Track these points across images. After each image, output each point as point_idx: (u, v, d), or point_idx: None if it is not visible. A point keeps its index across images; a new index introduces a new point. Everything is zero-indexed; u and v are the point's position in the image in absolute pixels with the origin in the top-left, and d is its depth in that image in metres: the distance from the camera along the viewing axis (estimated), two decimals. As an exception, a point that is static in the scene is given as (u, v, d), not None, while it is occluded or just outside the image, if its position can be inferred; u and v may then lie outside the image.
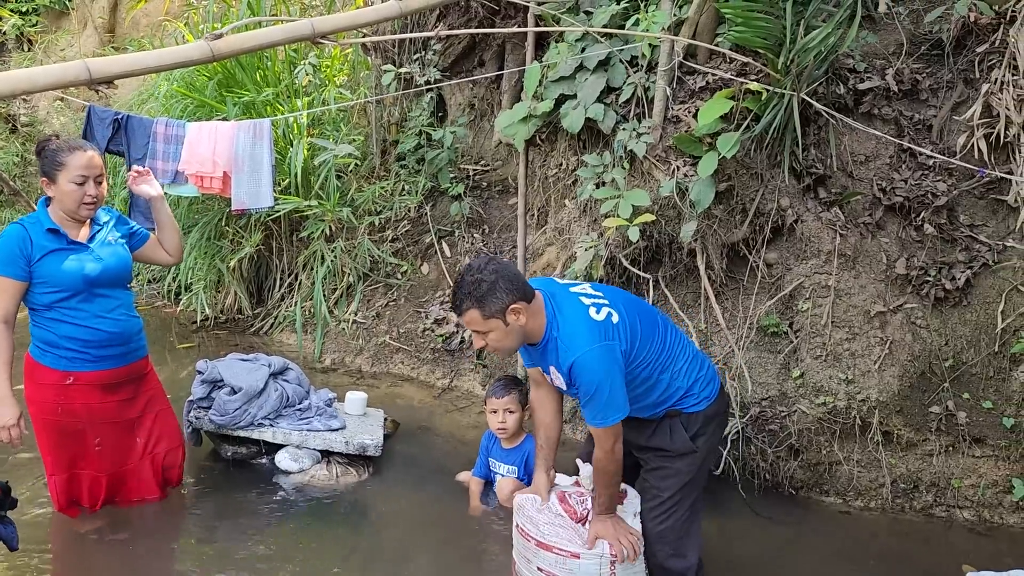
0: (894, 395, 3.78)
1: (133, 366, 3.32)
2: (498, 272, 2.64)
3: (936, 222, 3.88)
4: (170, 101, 6.30)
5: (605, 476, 2.79)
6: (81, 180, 3.06)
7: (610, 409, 2.65)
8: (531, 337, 2.74)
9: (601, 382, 2.61)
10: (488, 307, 2.63)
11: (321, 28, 3.28)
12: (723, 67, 3.94)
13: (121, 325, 3.22)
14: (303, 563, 3.22)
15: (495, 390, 3.73)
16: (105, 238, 3.24)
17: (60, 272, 3.06)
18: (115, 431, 3.30)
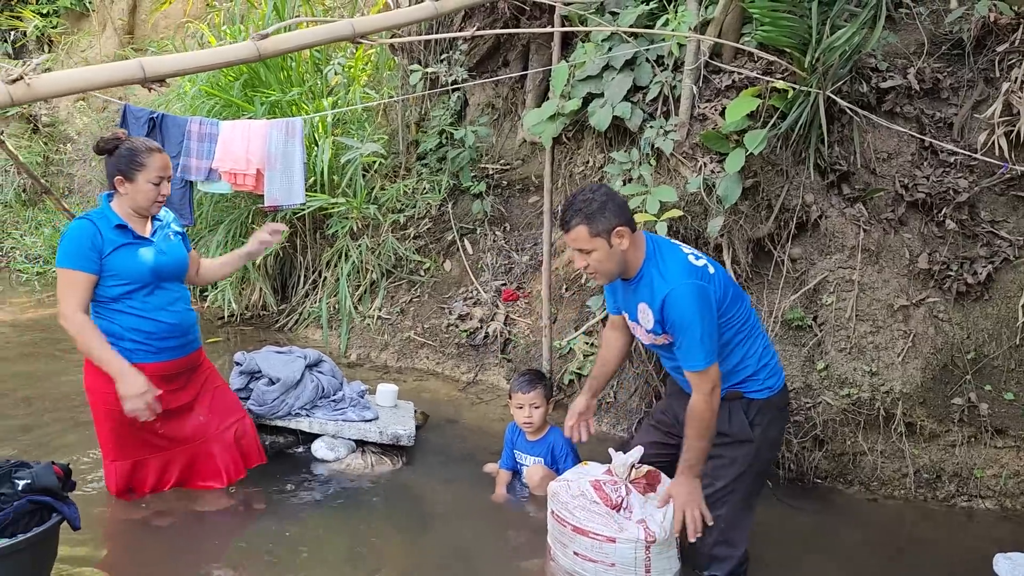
0: (917, 387, 3.86)
1: (190, 357, 3.44)
2: (608, 195, 2.75)
3: (957, 218, 3.96)
4: (197, 101, 6.41)
5: (699, 424, 2.74)
6: (158, 180, 3.20)
7: (704, 349, 2.67)
8: (628, 268, 2.79)
9: (694, 317, 2.65)
10: (596, 225, 2.71)
11: (361, 28, 3.38)
12: (748, 66, 4.03)
13: (180, 317, 3.34)
14: (340, 547, 3.31)
15: (520, 385, 3.77)
16: (166, 234, 3.36)
17: (130, 265, 3.17)
18: (173, 417, 3.40)
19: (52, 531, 2.66)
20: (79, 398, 4.67)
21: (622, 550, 2.95)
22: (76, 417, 4.40)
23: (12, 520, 2.59)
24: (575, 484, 3.14)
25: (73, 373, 5.12)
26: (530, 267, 5.72)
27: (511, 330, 5.45)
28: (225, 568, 3.16)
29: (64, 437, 4.17)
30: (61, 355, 5.61)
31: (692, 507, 2.80)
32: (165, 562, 3.13)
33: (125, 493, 3.42)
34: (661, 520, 2.98)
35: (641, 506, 3.01)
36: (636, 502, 3.01)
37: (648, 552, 2.95)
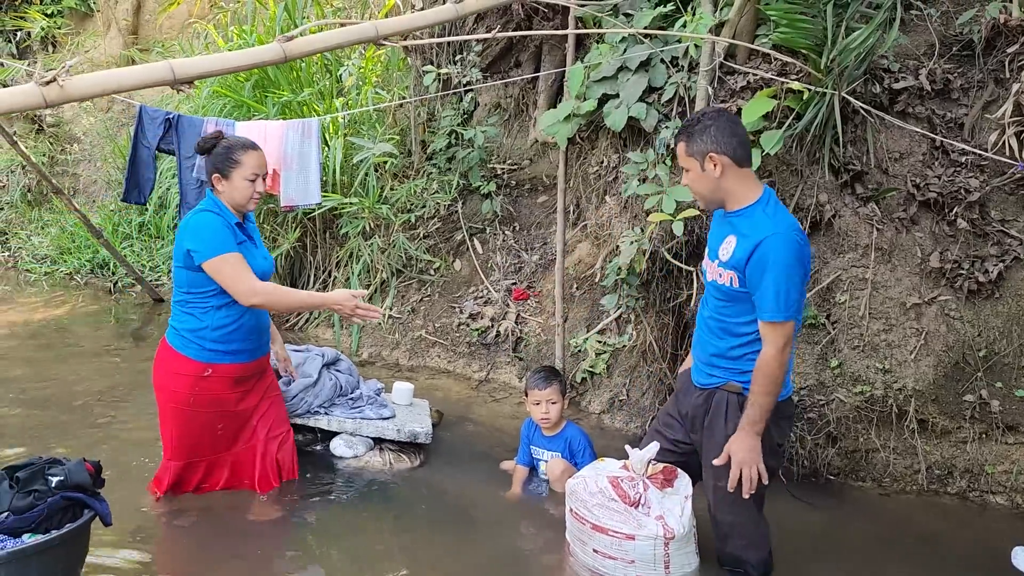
0: (929, 384, 3.91)
1: (262, 360, 3.50)
2: (716, 122, 2.75)
3: (969, 217, 4.01)
4: (208, 102, 6.44)
5: (766, 379, 2.70)
6: (253, 177, 3.26)
7: (786, 302, 2.64)
8: (728, 199, 2.79)
9: (789, 268, 2.63)
10: (692, 145, 2.75)
11: (385, 31, 3.44)
12: (763, 67, 4.08)
13: (260, 320, 3.40)
14: (360, 544, 3.35)
15: (536, 382, 3.80)
16: (258, 237, 3.47)
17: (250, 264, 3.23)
18: (235, 420, 3.45)
19: (84, 527, 2.70)
20: (92, 398, 4.73)
21: (641, 547, 2.99)
22: (89, 418, 4.44)
23: (46, 516, 2.63)
24: (593, 481, 3.18)
25: (85, 373, 5.18)
26: (540, 266, 5.76)
27: (522, 329, 5.50)
28: (249, 563, 3.20)
29: (81, 436, 4.20)
30: (72, 355, 5.65)
31: (749, 465, 2.76)
32: (189, 559, 3.18)
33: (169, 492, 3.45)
34: (679, 516, 3.02)
35: (659, 502, 3.05)
36: (654, 498, 3.05)
37: (667, 548, 2.99)
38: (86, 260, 7.84)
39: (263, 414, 3.55)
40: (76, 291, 7.49)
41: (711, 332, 2.95)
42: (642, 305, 4.60)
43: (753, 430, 2.76)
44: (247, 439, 3.54)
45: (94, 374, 5.21)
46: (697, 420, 3.01)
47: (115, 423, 4.38)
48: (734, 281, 2.77)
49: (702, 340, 3.01)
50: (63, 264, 7.98)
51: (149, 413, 3.66)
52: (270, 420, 3.57)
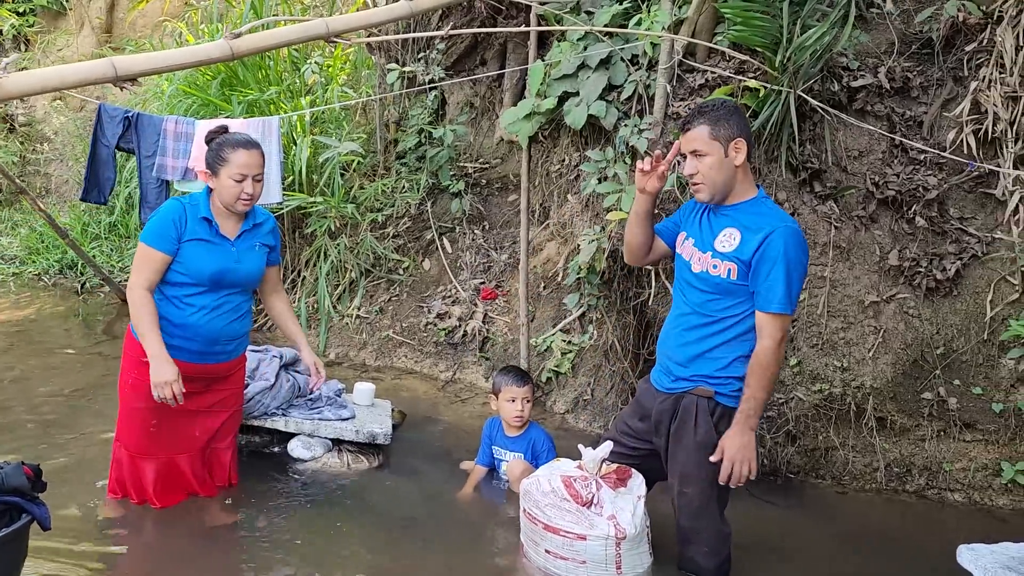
0: (888, 382, 3.92)
1: (210, 367, 3.30)
2: (736, 110, 2.77)
3: (927, 215, 4.01)
4: (174, 100, 6.39)
5: (763, 373, 2.68)
6: (240, 178, 3.12)
7: (789, 294, 2.64)
8: (735, 189, 2.77)
9: (798, 261, 2.64)
10: (718, 128, 2.70)
11: (335, 27, 3.39)
12: (721, 65, 4.07)
13: (214, 326, 3.21)
14: (316, 547, 3.31)
15: (515, 379, 3.78)
16: (253, 242, 3.28)
17: (196, 262, 3.13)
18: (173, 423, 3.31)
19: (20, 532, 2.64)
20: (56, 398, 4.68)
21: (593, 547, 2.97)
22: (50, 419, 4.39)
23: (-19, 521, 2.58)
24: (546, 481, 3.15)
25: (50, 375, 5.12)
26: (508, 266, 5.74)
27: (489, 328, 5.48)
28: (200, 569, 3.16)
29: (42, 439, 4.15)
30: (37, 356, 5.58)
31: (742, 462, 2.72)
32: (138, 565, 3.13)
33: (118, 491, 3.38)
34: (631, 515, 3.00)
35: (612, 501, 3.03)
36: (607, 497, 3.03)
37: (619, 548, 2.97)
38: (54, 261, 7.77)
39: (207, 427, 3.42)
40: (44, 292, 7.42)
41: (691, 329, 2.87)
42: (604, 304, 4.59)
43: (748, 425, 2.72)
44: (188, 448, 3.41)
45: (58, 375, 5.15)
46: (662, 425, 2.96)
47: (77, 424, 4.33)
48: (732, 273, 2.73)
49: (676, 339, 2.93)
50: (31, 265, 7.90)
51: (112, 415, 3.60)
52: (212, 433, 3.44)
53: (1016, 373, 3.81)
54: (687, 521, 2.95)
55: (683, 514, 2.95)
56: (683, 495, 2.91)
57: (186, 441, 3.40)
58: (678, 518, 2.98)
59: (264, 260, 3.38)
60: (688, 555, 2.99)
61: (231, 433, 3.58)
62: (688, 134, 2.77)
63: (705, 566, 2.95)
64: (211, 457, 3.52)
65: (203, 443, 3.45)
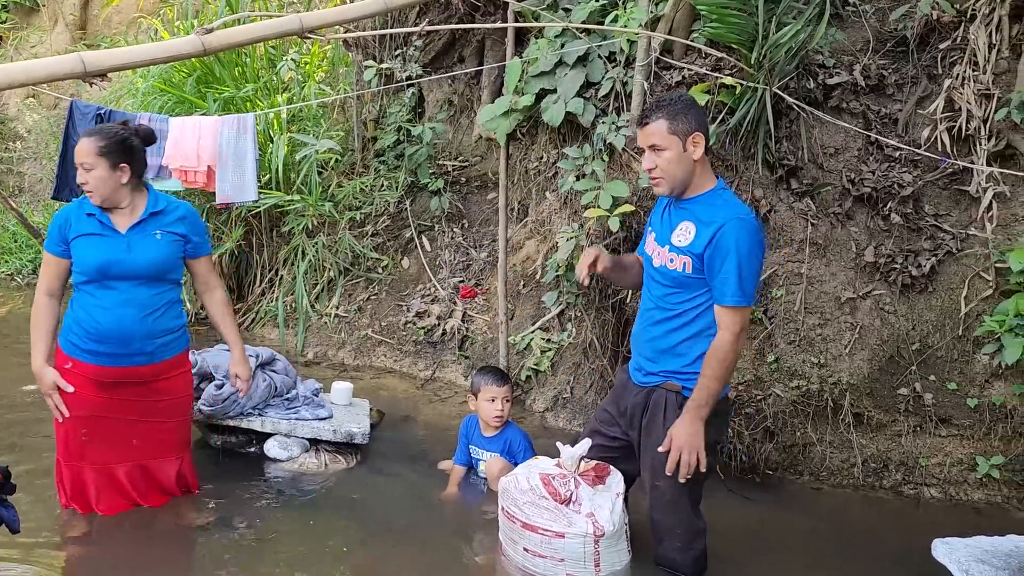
0: (864, 378, 3.93)
1: (132, 370, 3.15)
2: (694, 103, 2.78)
3: (902, 212, 4.04)
4: (148, 97, 6.31)
5: (719, 364, 2.68)
6: (78, 166, 3.10)
7: (744, 286, 2.64)
8: (693, 183, 2.78)
9: (750, 251, 2.65)
10: (676, 123, 2.70)
11: (309, 23, 3.36)
12: (698, 62, 4.07)
13: (122, 324, 3.08)
14: (294, 548, 3.29)
15: (495, 378, 3.76)
16: (151, 231, 3.16)
17: (82, 256, 3.07)
18: (105, 431, 3.20)
19: (-10, 535, 2.60)
20: (28, 402, 4.60)
21: (571, 545, 2.96)
22: (23, 420, 4.32)
23: (-52, 523, 2.53)
24: (524, 479, 3.14)
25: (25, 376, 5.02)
26: (488, 264, 5.72)
27: (469, 327, 5.45)
28: (176, 571, 3.12)
29: (13, 440, 4.08)
30: (13, 357, 5.49)
31: (689, 450, 2.72)
32: (109, 567, 3.08)
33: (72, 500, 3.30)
34: (610, 512, 3.00)
35: (590, 499, 3.02)
36: (585, 495, 3.03)
37: (597, 546, 2.97)
38: (27, 260, 7.66)
39: (147, 438, 3.28)
40: (17, 292, 7.31)
41: (656, 324, 2.91)
42: (583, 302, 4.58)
43: (698, 414, 2.72)
44: (121, 457, 3.27)
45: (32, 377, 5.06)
46: (635, 418, 2.99)
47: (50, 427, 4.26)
48: (687, 266, 2.76)
49: (644, 334, 2.97)
50: (4, 265, 7.79)
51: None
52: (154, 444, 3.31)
53: (990, 368, 3.84)
54: (659, 515, 2.96)
55: (655, 508, 2.96)
56: (655, 488, 2.91)
57: (122, 451, 3.26)
58: (650, 512, 2.99)
59: (170, 250, 3.18)
60: (662, 550, 3.00)
61: (178, 447, 3.42)
62: (646, 128, 2.77)
63: (680, 560, 2.97)
64: (155, 470, 3.36)
65: (144, 455, 3.30)
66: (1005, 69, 4.03)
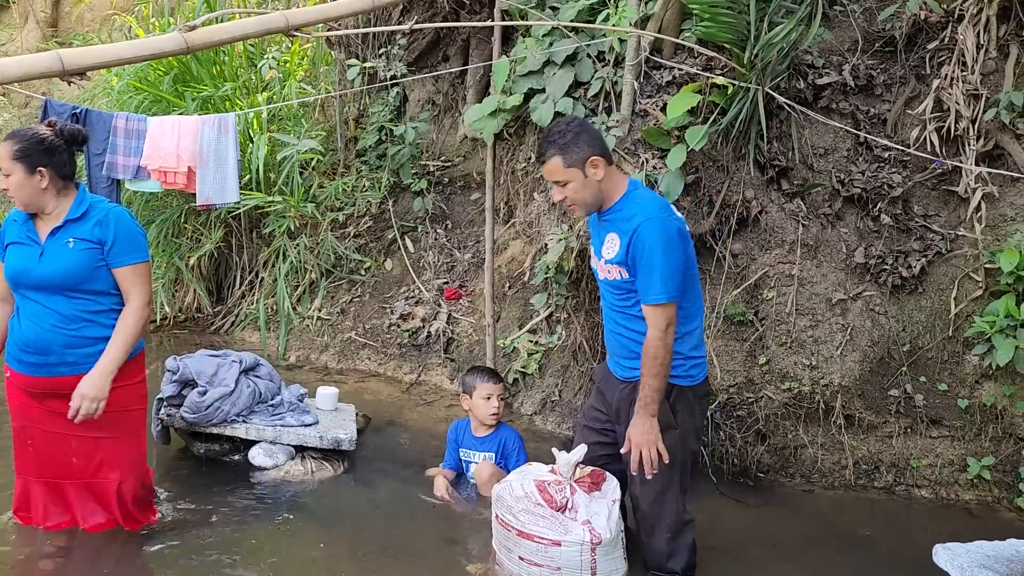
0: (855, 380, 3.92)
1: (55, 380, 2.96)
2: (582, 126, 2.82)
3: (892, 212, 4.03)
4: (124, 96, 6.18)
5: (653, 361, 2.73)
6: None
7: (668, 283, 2.69)
8: (605, 198, 2.83)
9: (665, 249, 2.68)
10: (570, 155, 2.75)
11: (295, 21, 3.29)
12: (688, 62, 4.03)
13: (40, 334, 2.91)
14: (280, 558, 3.21)
15: (489, 376, 3.75)
16: (64, 238, 2.92)
17: (5, 265, 3.00)
18: (47, 443, 3.08)
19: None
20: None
21: (568, 553, 2.91)
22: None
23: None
24: (519, 486, 3.09)
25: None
26: (472, 265, 5.66)
27: (454, 329, 5.39)
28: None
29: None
30: None
31: (648, 446, 2.76)
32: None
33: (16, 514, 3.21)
34: (607, 520, 2.95)
35: (586, 506, 2.98)
36: (581, 502, 2.98)
37: (594, 554, 2.92)
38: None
39: (84, 454, 3.06)
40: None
41: (619, 326, 2.97)
42: (572, 304, 4.53)
43: (647, 412, 2.77)
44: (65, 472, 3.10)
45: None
46: (622, 412, 2.99)
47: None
48: (623, 273, 2.82)
49: (614, 338, 3.03)
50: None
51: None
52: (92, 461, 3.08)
53: (980, 369, 3.84)
54: (649, 507, 2.95)
55: (644, 500, 2.96)
56: (645, 480, 2.88)
57: (63, 466, 3.10)
58: (637, 504, 2.99)
59: (82, 258, 2.91)
60: (651, 544, 2.98)
61: (120, 468, 3.12)
62: (544, 167, 2.85)
63: (670, 552, 2.96)
64: (98, 489, 3.14)
65: (85, 471, 3.10)
66: (993, 69, 4.04)
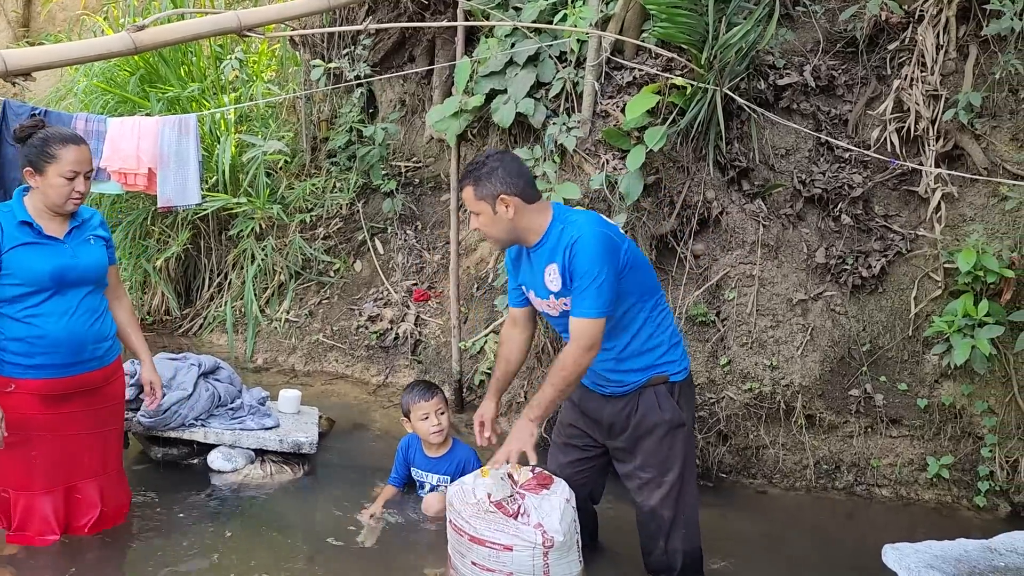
0: (816, 380, 3.93)
1: (83, 378, 3.05)
2: (502, 163, 2.74)
3: (853, 213, 4.04)
4: (90, 97, 6.12)
5: (560, 373, 2.70)
6: (72, 175, 2.90)
7: (599, 298, 2.62)
8: (525, 235, 2.77)
9: (598, 263, 2.62)
10: (481, 189, 2.71)
11: (247, 21, 3.26)
12: (649, 62, 4.03)
13: (72, 330, 2.97)
14: (238, 563, 3.18)
15: (421, 394, 3.54)
16: (84, 235, 3.06)
17: (28, 266, 2.90)
18: (57, 449, 3.07)
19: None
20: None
21: (520, 558, 2.88)
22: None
23: None
24: (470, 491, 3.06)
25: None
26: (442, 266, 5.63)
27: (422, 331, 5.36)
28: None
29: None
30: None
31: (518, 446, 2.80)
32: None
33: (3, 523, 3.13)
34: (559, 521, 2.93)
35: (537, 508, 2.95)
36: (532, 504, 2.95)
37: (547, 558, 2.89)
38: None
39: (93, 448, 3.16)
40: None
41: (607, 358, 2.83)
42: (536, 305, 4.51)
43: (527, 415, 2.79)
44: (83, 474, 3.15)
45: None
46: (616, 425, 2.90)
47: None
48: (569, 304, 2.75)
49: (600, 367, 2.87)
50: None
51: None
52: (97, 454, 3.19)
53: (939, 369, 3.86)
54: (668, 510, 2.88)
55: (661, 504, 2.87)
56: (663, 484, 2.85)
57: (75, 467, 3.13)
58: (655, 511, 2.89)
59: (105, 253, 3.13)
60: (669, 546, 2.91)
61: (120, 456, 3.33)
62: (461, 193, 2.82)
63: (685, 550, 2.91)
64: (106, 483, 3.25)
65: (95, 467, 3.18)
66: (952, 70, 4.06)
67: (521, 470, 3.03)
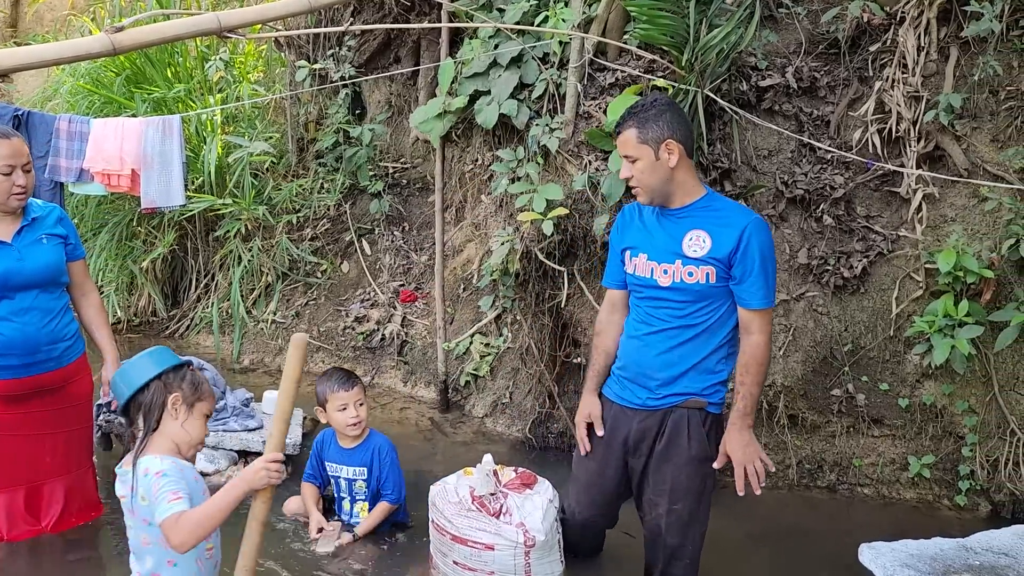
0: (798, 380, 3.94)
1: (39, 378, 3.03)
2: (670, 107, 2.67)
3: (835, 213, 4.06)
4: (75, 98, 6.10)
5: (761, 369, 2.65)
6: (8, 170, 2.87)
7: (772, 287, 2.63)
8: (675, 192, 2.67)
9: (771, 253, 2.64)
10: (646, 131, 2.60)
11: (228, 22, 3.26)
12: (631, 64, 4.04)
13: (27, 332, 2.96)
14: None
15: (340, 383, 3.32)
16: (36, 236, 3.02)
17: None
18: (16, 449, 3.05)
19: None
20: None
21: (501, 557, 2.91)
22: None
23: None
24: (453, 490, 3.08)
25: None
26: (428, 267, 5.63)
27: (408, 332, 5.36)
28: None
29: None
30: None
31: (752, 459, 2.70)
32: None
33: None
34: (541, 520, 2.95)
35: (519, 507, 2.97)
36: (514, 504, 2.98)
37: (528, 558, 2.92)
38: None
39: (56, 449, 3.14)
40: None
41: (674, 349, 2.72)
42: (520, 306, 4.52)
43: (745, 424, 2.69)
44: (34, 475, 3.12)
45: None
46: (643, 444, 2.81)
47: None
48: (711, 276, 2.64)
49: (655, 362, 2.75)
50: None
51: None
52: (60, 455, 3.17)
53: (921, 368, 3.87)
54: (674, 538, 2.83)
55: (671, 531, 2.82)
56: (672, 512, 2.80)
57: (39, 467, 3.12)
58: (662, 538, 2.84)
59: (60, 252, 3.09)
60: (672, 572, 2.88)
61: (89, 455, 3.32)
62: (619, 138, 2.70)
63: None
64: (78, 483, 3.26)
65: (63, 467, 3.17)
66: (933, 71, 4.07)
67: (504, 469, 3.05)
